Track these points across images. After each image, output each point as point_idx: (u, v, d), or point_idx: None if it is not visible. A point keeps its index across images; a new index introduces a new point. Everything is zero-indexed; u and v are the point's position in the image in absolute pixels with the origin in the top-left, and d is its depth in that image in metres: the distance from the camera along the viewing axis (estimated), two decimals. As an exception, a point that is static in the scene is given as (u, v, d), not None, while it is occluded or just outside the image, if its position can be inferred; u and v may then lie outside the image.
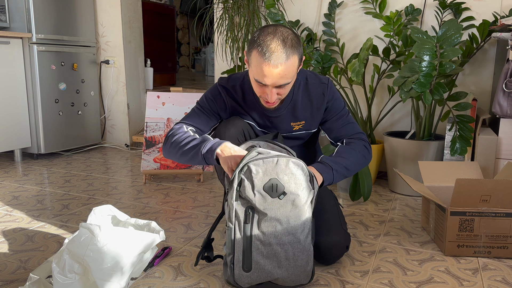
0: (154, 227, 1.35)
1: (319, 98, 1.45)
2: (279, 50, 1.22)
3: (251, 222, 1.18)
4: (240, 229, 1.20)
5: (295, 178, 1.18)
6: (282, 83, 1.26)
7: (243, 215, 1.19)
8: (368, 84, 2.57)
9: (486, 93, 2.38)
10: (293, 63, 1.25)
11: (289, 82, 1.28)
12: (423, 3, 2.42)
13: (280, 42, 1.23)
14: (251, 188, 1.17)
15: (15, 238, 1.66)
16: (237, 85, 1.45)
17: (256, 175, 1.17)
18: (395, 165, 2.30)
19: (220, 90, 1.46)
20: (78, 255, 1.10)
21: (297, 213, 1.19)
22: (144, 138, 2.47)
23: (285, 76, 1.25)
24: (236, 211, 1.20)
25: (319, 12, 2.66)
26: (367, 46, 2.10)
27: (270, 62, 1.22)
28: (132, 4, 3.41)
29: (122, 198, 2.18)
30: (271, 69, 1.22)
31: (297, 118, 1.46)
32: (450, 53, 1.80)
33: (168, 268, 1.42)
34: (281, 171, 1.17)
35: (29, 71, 2.90)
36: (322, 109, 1.46)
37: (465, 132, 1.95)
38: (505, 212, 1.51)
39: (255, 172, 1.17)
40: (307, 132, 1.51)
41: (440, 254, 1.58)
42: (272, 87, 1.28)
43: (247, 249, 1.19)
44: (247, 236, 1.19)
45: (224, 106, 1.47)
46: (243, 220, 1.19)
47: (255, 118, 1.48)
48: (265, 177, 1.17)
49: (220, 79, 1.49)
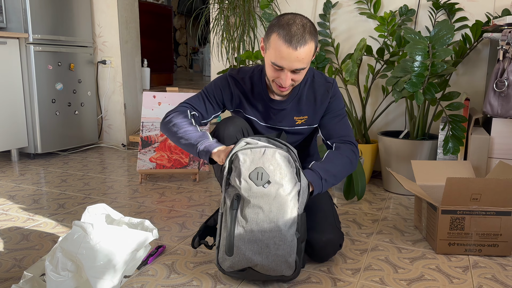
0: (147, 226, 1.37)
1: (323, 95, 1.49)
2: (299, 34, 1.27)
3: (236, 208, 1.22)
4: (226, 214, 1.24)
5: (280, 168, 1.21)
6: (299, 67, 1.30)
7: (230, 201, 1.24)
8: (362, 84, 2.59)
9: (479, 93, 2.40)
10: (310, 48, 1.30)
11: (304, 68, 1.32)
12: (417, 4, 2.44)
13: (300, 27, 1.28)
14: (237, 176, 1.22)
15: (10, 237, 1.67)
16: (247, 77, 1.50)
17: (243, 163, 1.22)
18: (389, 164, 2.31)
19: (229, 80, 1.51)
20: (71, 253, 1.12)
21: (280, 203, 1.22)
22: (140, 138, 2.49)
23: (302, 60, 1.29)
24: (225, 198, 1.26)
25: (314, 13, 2.68)
26: (361, 46, 2.11)
27: (290, 44, 1.26)
28: (129, 4, 3.43)
29: (117, 197, 2.20)
30: (290, 51, 1.27)
31: (301, 112, 1.50)
32: (442, 53, 1.82)
33: (162, 266, 1.44)
34: (267, 161, 1.21)
35: (26, 71, 2.92)
36: (325, 105, 1.50)
37: (457, 132, 1.97)
38: (495, 210, 1.53)
39: (243, 160, 1.22)
40: (309, 127, 1.54)
41: (431, 252, 1.59)
42: (288, 71, 1.32)
43: (230, 234, 1.22)
44: (231, 221, 1.23)
45: (230, 96, 1.52)
46: (229, 206, 1.24)
47: (260, 110, 1.51)
48: (251, 166, 1.22)
49: (230, 70, 1.54)
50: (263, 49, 1.39)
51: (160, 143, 2.49)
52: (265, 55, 1.37)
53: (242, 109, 1.53)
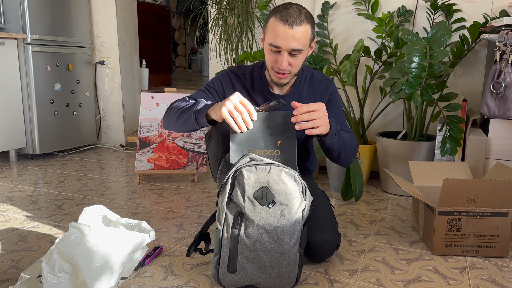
0: (144, 227, 1.37)
1: (323, 91, 1.54)
2: (295, 14, 1.31)
3: (239, 227, 1.20)
4: (228, 232, 1.22)
5: (286, 188, 1.19)
6: (295, 47, 1.32)
7: (232, 219, 1.21)
8: (360, 85, 2.59)
9: (477, 94, 2.40)
10: (306, 30, 1.33)
11: (301, 50, 1.34)
12: (415, 5, 2.44)
13: (296, 10, 1.33)
14: (241, 193, 1.19)
15: (7, 238, 1.67)
16: (247, 72, 1.54)
17: (247, 180, 1.18)
18: (387, 165, 2.32)
19: (230, 75, 1.54)
20: (67, 254, 1.12)
21: (285, 223, 1.20)
22: (138, 139, 2.49)
23: (298, 39, 1.31)
24: (226, 214, 1.22)
25: (312, 13, 2.68)
26: (359, 47, 2.12)
27: (286, 23, 1.30)
28: (127, 5, 3.43)
29: (115, 198, 2.20)
30: (286, 29, 1.30)
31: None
32: (439, 54, 1.82)
33: (159, 267, 1.44)
34: (272, 180, 1.18)
35: (24, 72, 2.91)
36: (325, 101, 1.53)
37: (455, 133, 1.97)
38: (492, 211, 1.53)
39: (247, 177, 1.18)
40: None
41: (428, 253, 1.60)
42: (285, 52, 1.33)
43: (233, 252, 1.21)
44: (234, 240, 1.21)
45: (232, 89, 1.53)
46: (231, 224, 1.21)
47: (260, 104, 1.52)
48: (256, 184, 1.18)
49: (230, 67, 1.58)
50: (263, 40, 1.42)
51: (158, 144, 2.49)
52: (264, 42, 1.41)
53: None
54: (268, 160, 1.23)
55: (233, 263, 1.21)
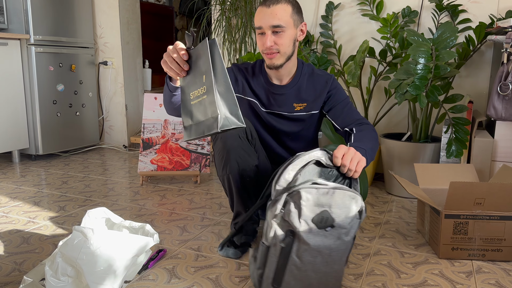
0: (148, 230, 1.35)
1: (322, 84, 1.57)
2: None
3: (290, 247, 1.12)
4: (276, 250, 1.14)
5: (348, 211, 1.11)
6: (275, 23, 1.39)
7: (282, 237, 1.12)
8: (365, 86, 2.57)
9: (483, 95, 2.38)
10: (285, 8, 1.40)
11: (281, 26, 1.40)
12: (420, 5, 2.42)
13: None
14: (297, 215, 1.10)
15: (10, 240, 1.66)
16: (249, 67, 1.61)
17: (306, 202, 1.09)
18: (391, 167, 2.30)
19: (233, 68, 1.62)
20: (71, 258, 1.11)
21: (341, 246, 1.14)
22: (141, 140, 2.48)
23: (275, 15, 1.39)
24: (275, 232, 1.13)
25: (316, 14, 2.66)
26: (363, 48, 2.10)
27: (264, 4, 1.41)
28: (130, 5, 3.42)
29: (118, 199, 2.19)
30: (264, 9, 1.41)
31: (300, 99, 1.57)
32: (445, 55, 1.80)
33: (162, 270, 1.43)
34: (335, 204, 1.10)
35: (27, 72, 2.91)
36: (324, 93, 1.56)
37: (460, 135, 1.95)
38: (499, 215, 1.51)
39: (305, 199, 1.09)
40: (307, 113, 1.58)
41: (434, 257, 1.58)
42: (268, 31, 1.41)
43: (281, 269, 1.14)
44: (283, 258, 1.13)
45: (235, 80, 1.59)
46: (281, 242, 1.13)
47: (261, 95, 1.59)
48: (316, 208, 1.10)
49: (234, 63, 1.65)
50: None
51: (161, 145, 2.48)
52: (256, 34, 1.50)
53: (244, 94, 1.60)
54: (333, 184, 1.13)
55: (279, 279, 1.15)
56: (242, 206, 1.55)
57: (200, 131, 1.10)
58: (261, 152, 1.61)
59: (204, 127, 1.09)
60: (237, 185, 1.50)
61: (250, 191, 1.53)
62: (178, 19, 7.36)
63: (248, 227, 1.61)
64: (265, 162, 1.63)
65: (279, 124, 1.61)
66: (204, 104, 1.09)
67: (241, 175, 1.49)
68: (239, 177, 1.48)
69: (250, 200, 1.54)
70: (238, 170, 1.48)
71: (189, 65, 1.16)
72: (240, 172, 1.48)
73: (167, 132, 2.50)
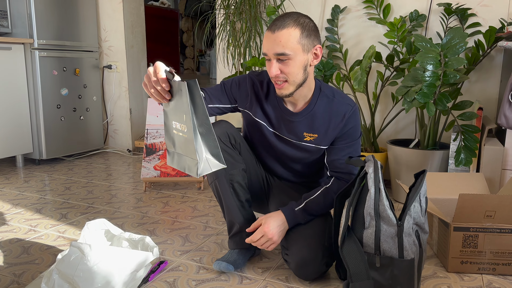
0: (148, 243, 1.32)
1: (338, 117, 1.40)
2: (280, 20, 1.28)
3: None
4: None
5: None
6: (279, 51, 1.26)
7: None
8: (371, 91, 2.53)
9: (492, 100, 2.33)
10: (291, 33, 1.26)
11: (287, 54, 1.26)
12: (428, 9, 2.37)
13: (284, 16, 1.29)
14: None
15: (10, 250, 1.64)
16: (265, 81, 1.47)
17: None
18: (398, 174, 2.25)
19: (248, 80, 1.47)
20: (67, 275, 1.08)
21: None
22: (144, 145, 2.45)
23: (280, 43, 1.25)
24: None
25: (322, 18, 2.62)
26: (370, 54, 2.05)
27: (270, 29, 1.29)
28: (135, 8, 3.40)
29: (121, 206, 2.16)
30: (269, 35, 1.28)
31: (312, 129, 1.42)
32: (455, 62, 1.75)
33: (163, 284, 1.40)
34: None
35: (31, 76, 2.90)
36: (338, 130, 1.41)
37: (470, 143, 1.90)
38: (510, 228, 1.46)
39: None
40: (316, 147, 1.45)
41: (443, 270, 1.53)
42: (273, 59, 1.29)
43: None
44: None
45: (246, 94, 1.46)
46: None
47: (271, 117, 1.45)
48: None
49: (252, 72, 1.51)
50: None
51: (165, 151, 2.45)
52: None
53: (252, 113, 1.47)
54: None
55: None
56: (232, 215, 1.48)
57: (181, 167, 1.10)
58: (249, 158, 1.54)
59: (185, 164, 1.09)
60: (225, 191, 1.44)
61: (241, 198, 1.47)
62: (184, 21, 7.34)
63: (243, 239, 1.51)
64: (255, 168, 1.56)
65: (283, 148, 1.49)
66: (185, 142, 1.08)
67: (229, 180, 1.43)
68: (227, 182, 1.43)
69: (244, 209, 1.48)
70: (225, 174, 1.42)
71: (171, 94, 1.11)
72: (228, 177, 1.43)
73: (170, 137, 2.47)
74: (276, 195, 1.58)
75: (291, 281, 1.43)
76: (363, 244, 1.25)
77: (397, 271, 1.21)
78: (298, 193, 1.53)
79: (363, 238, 1.25)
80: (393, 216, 1.21)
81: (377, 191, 1.23)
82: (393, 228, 1.21)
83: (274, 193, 1.59)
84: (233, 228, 1.51)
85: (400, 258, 1.21)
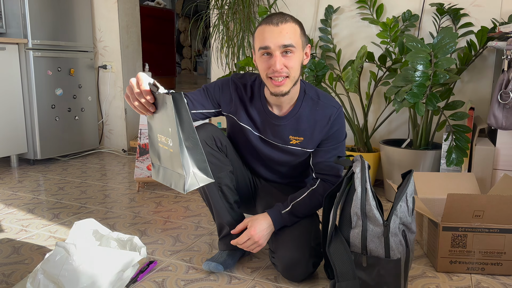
0: (136, 243, 1.33)
1: (324, 120, 1.39)
2: (279, 15, 1.27)
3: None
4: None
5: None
6: (286, 42, 1.23)
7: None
8: (364, 91, 2.53)
9: (485, 100, 2.33)
10: (294, 28, 1.27)
11: (293, 46, 1.24)
12: (421, 9, 2.37)
13: (280, 14, 1.29)
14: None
15: (1, 250, 1.64)
16: (248, 84, 1.43)
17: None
18: (391, 174, 2.25)
19: (231, 83, 1.44)
20: (52, 275, 1.08)
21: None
22: (138, 145, 2.45)
23: (287, 34, 1.24)
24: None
25: (316, 18, 2.62)
26: (361, 54, 2.06)
27: (271, 23, 1.25)
28: (130, 8, 3.40)
29: (113, 206, 2.16)
30: (272, 28, 1.24)
31: (298, 132, 1.41)
32: (445, 62, 1.76)
33: (152, 283, 1.40)
34: None
35: (25, 76, 2.90)
36: (324, 132, 1.40)
37: (461, 143, 1.91)
38: (499, 228, 1.46)
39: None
40: (302, 150, 1.43)
41: (432, 270, 1.53)
42: (277, 51, 1.24)
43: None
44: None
45: (229, 98, 1.43)
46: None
47: (256, 120, 1.43)
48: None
49: (234, 74, 1.47)
50: (255, 61, 1.33)
51: (158, 151, 2.45)
52: (255, 55, 1.33)
53: (237, 117, 1.45)
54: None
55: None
56: (222, 218, 1.47)
57: (167, 181, 1.07)
58: (236, 161, 1.53)
59: (171, 179, 1.06)
60: (213, 194, 1.43)
61: (230, 200, 1.46)
62: (181, 21, 7.35)
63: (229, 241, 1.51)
64: (242, 170, 1.56)
65: (268, 152, 1.48)
66: (170, 156, 1.05)
67: (218, 183, 1.42)
68: (215, 185, 1.42)
69: (233, 211, 1.48)
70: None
71: (155, 107, 1.08)
72: (216, 180, 1.41)
73: (164, 137, 2.47)
74: (262, 197, 1.57)
75: (280, 281, 1.43)
76: (350, 243, 1.25)
77: (384, 271, 1.21)
78: (284, 194, 1.52)
79: (350, 238, 1.25)
80: (379, 216, 1.21)
81: (363, 191, 1.23)
82: (380, 228, 1.21)
83: (261, 195, 1.59)
84: (223, 230, 1.52)
85: (387, 258, 1.21)
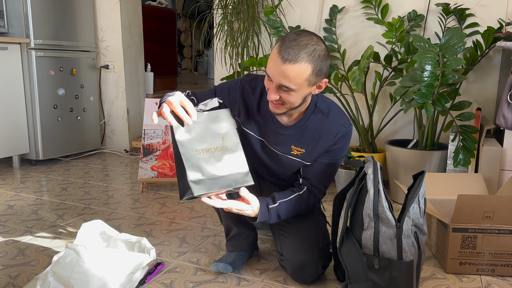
0: (145, 245, 1.31)
1: (329, 136, 1.33)
2: (295, 49, 1.14)
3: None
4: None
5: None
6: (283, 83, 1.16)
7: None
8: (369, 91, 2.52)
9: (491, 101, 2.32)
10: (302, 70, 1.15)
11: (291, 89, 1.17)
12: (426, 9, 2.36)
13: (302, 44, 1.15)
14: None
15: (6, 251, 1.63)
16: (258, 87, 1.37)
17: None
18: (397, 174, 2.24)
19: (238, 86, 1.39)
20: (63, 277, 1.07)
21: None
22: (141, 146, 2.44)
23: (287, 77, 1.15)
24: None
25: (320, 18, 2.61)
26: (368, 54, 2.05)
27: (280, 55, 1.15)
28: (132, 8, 3.38)
29: (118, 207, 2.15)
30: (278, 61, 1.15)
31: (301, 143, 1.36)
32: (453, 62, 1.75)
33: (160, 285, 1.38)
34: None
35: (27, 76, 2.88)
36: (323, 149, 1.35)
37: (468, 143, 1.90)
38: (509, 229, 1.46)
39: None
40: (300, 162, 1.38)
41: (441, 271, 1.52)
42: (275, 84, 1.19)
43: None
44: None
45: (234, 102, 1.38)
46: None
47: (260, 125, 1.38)
48: None
49: (245, 76, 1.41)
50: None
51: (162, 151, 2.44)
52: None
53: (241, 121, 1.40)
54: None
55: None
56: (229, 219, 1.46)
57: (225, 185, 1.15)
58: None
59: (230, 181, 1.16)
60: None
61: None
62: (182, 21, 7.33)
63: (241, 241, 1.50)
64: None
65: (267, 159, 1.43)
66: (223, 161, 1.17)
67: None
68: None
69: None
70: None
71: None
72: None
73: (167, 138, 2.46)
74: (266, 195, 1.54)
75: (289, 282, 1.42)
76: (362, 245, 1.24)
77: (396, 273, 1.20)
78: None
79: (362, 240, 1.24)
80: (392, 217, 1.20)
81: (376, 192, 1.22)
82: (392, 229, 1.20)
83: (265, 194, 1.54)
84: (230, 231, 1.50)
85: (399, 260, 1.20)
